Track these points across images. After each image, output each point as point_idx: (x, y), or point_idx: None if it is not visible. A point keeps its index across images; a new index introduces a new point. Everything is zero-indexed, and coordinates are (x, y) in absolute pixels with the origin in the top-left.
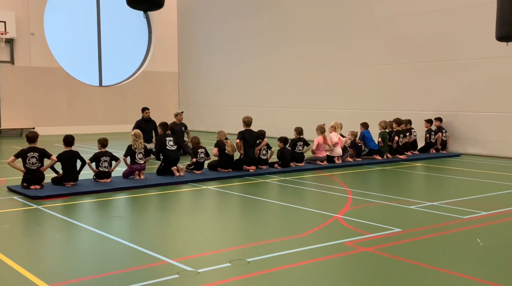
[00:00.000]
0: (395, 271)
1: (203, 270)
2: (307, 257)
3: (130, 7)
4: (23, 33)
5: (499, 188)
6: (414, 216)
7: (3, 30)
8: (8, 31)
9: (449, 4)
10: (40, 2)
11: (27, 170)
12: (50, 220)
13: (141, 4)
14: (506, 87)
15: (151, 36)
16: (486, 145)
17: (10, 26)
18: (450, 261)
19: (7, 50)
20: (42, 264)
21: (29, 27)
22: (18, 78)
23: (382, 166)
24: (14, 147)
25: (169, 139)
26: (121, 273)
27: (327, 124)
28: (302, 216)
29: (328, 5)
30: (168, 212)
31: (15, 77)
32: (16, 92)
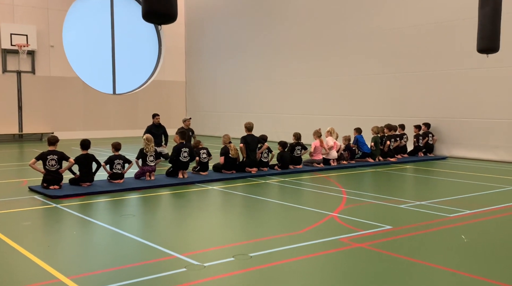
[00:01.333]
0: (386, 265)
1: (208, 264)
2: (305, 252)
3: (146, 21)
4: (44, 45)
5: (482, 189)
6: (404, 215)
7: (25, 42)
8: (30, 43)
9: (436, 19)
10: (59, 17)
11: (47, 172)
12: (68, 217)
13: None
14: (487, 95)
15: (161, 48)
16: (470, 149)
17: (32, 39)
18: (437, 255)
19: (28, 61)
20: (60, 258)
21: (49, 40)
22: (38, 86)
23: (374, 168)
24: (35, 150)
25: (184, 150)
26: (133, 266)
27: (323, 129)
28: (300, 215)
29: (327, 21)
30: (177, 211)
31: (36, 86)
32: (37, 100)
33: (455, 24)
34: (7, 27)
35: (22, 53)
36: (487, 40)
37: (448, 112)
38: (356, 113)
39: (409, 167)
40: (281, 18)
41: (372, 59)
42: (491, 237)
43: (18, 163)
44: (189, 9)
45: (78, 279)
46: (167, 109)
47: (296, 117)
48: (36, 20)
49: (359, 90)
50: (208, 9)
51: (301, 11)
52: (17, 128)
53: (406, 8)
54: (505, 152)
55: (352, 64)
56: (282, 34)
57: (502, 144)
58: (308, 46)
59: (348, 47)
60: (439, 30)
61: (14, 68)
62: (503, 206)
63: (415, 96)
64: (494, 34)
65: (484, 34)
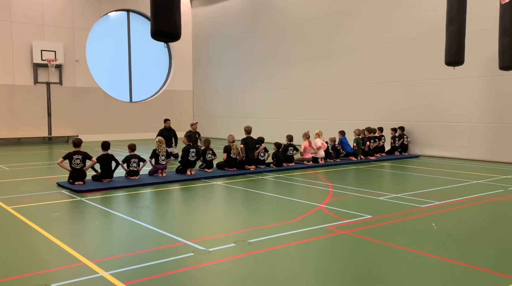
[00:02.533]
0: (367, 249)
1: (213, 249)
2: (297, 239)
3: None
4: (70, 60)
5: (449, 183)
6: (382, 206)
7: (54, 57)
8: (58, 58)
9: (409, 36)
10: (83, 35)
11: (72, 169)
12: (91, 209)
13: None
14: (453, 102)
15: (171, 61)
16: (439, 148)
17: (59, 55)
18: (411, 241)
19: (56, 74)
20: (85, 244)
21: (74, 55)
22: (65, 96)
23: (357, 166)
24: (62, 151)
25: (192, 151)
26: (147, 251)
27: (312, 132)
28: (293, 206)
29: (317, 37)
30: (185, 203)
31: (63, 95)
32: (64, 107)
33: (426, 40)
34: (38, 44)
35: (51, 66)
36: (454, 54)
37: (420, 117)
38: (340, 117)
39: (386, 164)
40: (277, 35)
41: (355, 71)
42: (457, 225)
43: (48, 162)
44: (196, 28)
45: (100, 262)
46: (176, 114)
47: (289, 121)
48: (63, 38)
49: (343, 97)
50: (212, 27)
51: (295, 28)
52: (46, 132)
53: (385, 27)
54: (468, 151)
55: (338, 75)
56: (277, 49)
57: (466, 144)
58: (300, 59)
59: (334, 60)
60: (412, 46)
61: (44, 80)
62: (467, 197)
63: (392, 102)
64: (459, 49)
65: (451, 49)
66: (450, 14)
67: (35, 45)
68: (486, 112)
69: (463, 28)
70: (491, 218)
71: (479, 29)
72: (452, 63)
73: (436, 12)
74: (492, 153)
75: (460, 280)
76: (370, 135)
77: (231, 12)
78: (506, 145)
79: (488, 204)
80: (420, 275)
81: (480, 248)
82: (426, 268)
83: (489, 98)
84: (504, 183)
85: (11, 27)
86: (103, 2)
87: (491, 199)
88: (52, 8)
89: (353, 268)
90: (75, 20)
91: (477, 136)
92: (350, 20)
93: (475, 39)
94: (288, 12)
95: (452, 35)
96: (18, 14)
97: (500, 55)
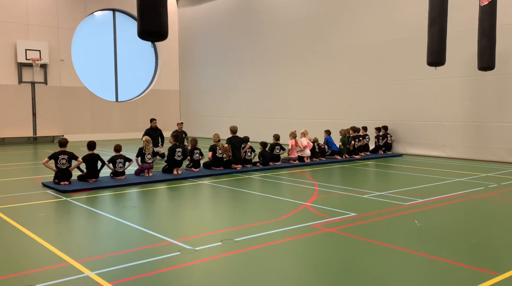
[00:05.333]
0: (352, 246)
1: (199, 248)
2: (283, 237)
3: (141, 39)
4: (55, 59)
5: (432, 181)
6: (366, 203)
7: (39, 57)
8: (43, 58)
9: (392, 37)
10: (68, 34)
11: (58, 169)
12: (76, 209)
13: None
14: (436, 101)
15: (158, 61)
16: (422, 147)
17: (44, 54)
18: (394, 237)
19: (41, 73)
20: (70, 244)
21: (59, 54)
22: (50, 95)
23: (342, 164)
24: (47, 150)
25: (178, 150)
26: (134, 251)
27: (298, 131)
28: (279, 204)
29: (304, 39)
30: (172, 202)
31: (48, 95)
32: (49, 107)
33: (409, 41)
34: (23, 44)
35: (35, 66)
36: (435, 55)
37: (404, 116)
38: (325, 117)
39: (371, 163)
40: (262, 36)
41: (340, 71)
42: (439, 222)
43: (33, 162)
44: (182, 28)
45: (85, 262)
46: (163, 114)
47: (275, 120)
48: (48, 38)
49: (328, 97)
50: (198, 27)
51: (280, 29)
52: (31, 132)
53: (369, 29)
54: (451, 150)
55: (323, 76)
56: (262, 49)
57: (449, 143)
58: (285, 60)
59: (319, 61)
60: (396, 47)
61: (28, 79)
62: (449, 195)
63: (376, 102)
64: (441, 50)
65: (433, 50)
66: (432, 16)
67: (19, 45)
68: (466, 112)
69: (444, 30)
70: (472, 215)
71: (460, 30)
72: (434, 63)
73: (418, 14)
74: (473, 151)
75: (442, 275)
76: (355, 134)
77: (217, 12)
78: (486, 143)
79: (469, 201)
80: (403, 271)
81: (461, 244)
82: (409, 264)
83: (470, 98)
84: (484, 180)
85: None
86: (88, 2)
87: (472, 196)
88: (36, 7)
89: (338, 265)
90: (60, 20)
91: (459, 135)
92: (335, 22)
93: (456, 40)
94: (273, 13)
95: (434, 37)
96: (2, 13)
97: (479, 56)
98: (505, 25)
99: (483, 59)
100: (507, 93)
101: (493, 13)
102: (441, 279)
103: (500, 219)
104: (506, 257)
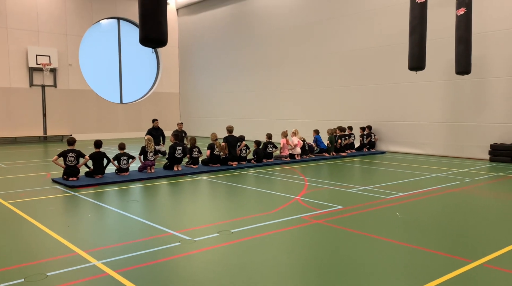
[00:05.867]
0: (339, 236)
1: (198, 239)
2: (275, 228)
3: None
4: (63, 64)
5: (412, 176)
6: (352, 197)
7: (48, 62)
8: (52, 63)
9: (375, 43)
10: (76, 41)
11: (66, 166)
12: (84, 203)
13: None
14: (416, 103)
15: (159, 66)
16: (403, 145)
17: (54, 59)
18: (377, 228)
19: (51, 77)
20: (78, 235)
21: (68, 59)
22: (60, 97)
23: (329, 161)
24: (57, 149)
25: (178, 148)
26: (137, 242)
27: (289, 131)
28: (272, 198)
29: (294, 44)
30: (172, 197)
31: (58, 97)
32: (58, 108)
33: (392, 47)
34: (33, 49)
35: (45, 70)
36: (416, 60)
37: (386, 117)
38: (314, 117)
39: (356, 160)
40: (256, 42)
41: (327, 75)
42: (419, 214)
43: (43, 160)
44: (182, 35)
45: (92, 252)
46: (164, 115)
47: (268, 121)
48: (57, 44)
49: (317, 99)
50: (197, 35)
51: (273, 36)
52: (42, 131)
53: (354, 35)
54: (430, 147)
55: (312, 79)
56: (255, 55)
57: (428, 141)
58: (278, 65)
59: (309, 66)
60: (379, 52)
61: (39, 83)
62: (428, 189)
63: (360, 104)
64: (421, 56)
65: (413, 55)
66: (413, 24)
67: (30, 50)
68: (444, 112)
69: (424, 37)
70: (448, 208)
71: (438, 37)
72: (414, 68)
73: (400, 22)
74: (450, 149)
75: (421, 263)
76: (341, 133)
77: (214, 21)
78: (462, 142)
79: (446, 194)
80: (385, 259)
81: (439, 234)
82: (390, 252)
83: (447, 100)
84: (459, 176)
85: (7, 33)
86: (95, 11)
87: (449, 190)
88: (46, 16)
89: (326, 253)
90: (68, 27)
91: (437, 134)
92: (323, 29)
93: (435, 47)
94: (266, 22)
95: (414, 43)
96: (14, 21)
97: (456, 61)
98: (480, 33)
99: (460, 64)
100: (481, 96)
101: (469, 21)
102: (420, 266)
103: (474, 211)
104: (479, 246)
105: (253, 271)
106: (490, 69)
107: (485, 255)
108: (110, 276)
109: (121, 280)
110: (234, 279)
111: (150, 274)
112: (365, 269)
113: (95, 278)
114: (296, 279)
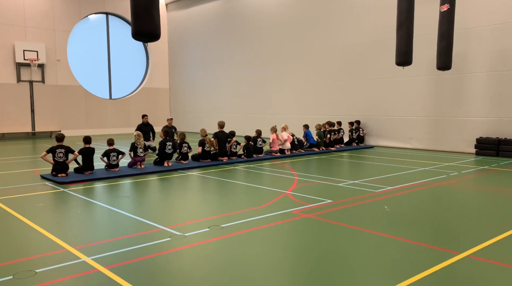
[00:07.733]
0: (328, 230)
1: (188, 234)
2: (266, 222)
3: (135, 39)
4: (51, 59)
5: (400, 170)
6: (341, 191)
7: (36, 57)
8: (40, 58)
9: (364, 39)
10: (64, 36)
11: (55, 162)
12: (73, 199)
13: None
14: (403, 98)
15: (148, 61)
16: (391, 140)
17: (41, 54)
18: (366, 222)
19: (39, 73)
20: (68, 232)
21: (56, 55)
22: (48, 93)
23: (319, 156)
24: (45, 145)
25: (168, 144)
26: (127, 238)
27: (279, 126)
28: (262, 193)
29: (283, 40)
30: (163, 192)
31: (46, 93)
32: (47, 104)
33: (380, 43)
34: (21, 45)
35: (33, 66)
36: (403, 56)
37: (375, 111)
38: (303, 112)
39: (345, 154)
40: (245, 38)
41: (316, 71)
42: (407, 207)
43: (31, 156)
44: (171, 30)
45: (82, 249)
46: (154, 110)
47: (258, 116)
48: (45, 39)
49: (306, 95)
50: (187, 29)
51: (263, 32)
52: (30, 127)
53: (343, 31)
54: (417, 142)
55: (301, 75)
56: (245, 50)
57: (415, 135)
58: (267, 60)
59: (298, 61)
60: (367, 48)
61: (27, 78)
62: (415, 183)
63: (349, 99)
64: (408, 51)
65: (401, 51)
66: (400, 20)
67: (17, 46)
68: (429, 107)
69: (410, 33)
70: (435, 201)
71: (424, 33)
72: (401, 63)
73: (387, 18)
74: (436, 143)
75: (409, 255)
76: (331, 128)
77: (204, 16)
78: (447, 135)
79: (433, 188)
80: (374, 251)
81: (426, 227)
82: (379, 245)
83: (432, 95)
84: (446, 169)
85: None
86: (83, 5)
87: (436, 184)
88: (34, 11)
89: (316, 247)
90: (56, 22)
91: (423, 128)
92: (313, 25)
93: (420, 42)
94: (255, 17)
95: (402, 39)
96: (0, 16)
97: (438, 56)
98: (461, 29)
99: (441, 59)
100: (462, 91)
101: (451, 18)
102: (408, 259)
103: (460, 204)
104: (465, 238)
105: (243, 265)
106: (472, 64)
107: (471, 247)
108: (100, 272)
109: (111, 276)
110: (224, 273)
111: (141, 269)
112: (354, 262)
113: (85, 274)
114: (286, 273)
